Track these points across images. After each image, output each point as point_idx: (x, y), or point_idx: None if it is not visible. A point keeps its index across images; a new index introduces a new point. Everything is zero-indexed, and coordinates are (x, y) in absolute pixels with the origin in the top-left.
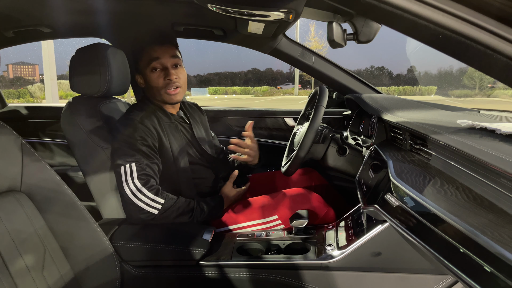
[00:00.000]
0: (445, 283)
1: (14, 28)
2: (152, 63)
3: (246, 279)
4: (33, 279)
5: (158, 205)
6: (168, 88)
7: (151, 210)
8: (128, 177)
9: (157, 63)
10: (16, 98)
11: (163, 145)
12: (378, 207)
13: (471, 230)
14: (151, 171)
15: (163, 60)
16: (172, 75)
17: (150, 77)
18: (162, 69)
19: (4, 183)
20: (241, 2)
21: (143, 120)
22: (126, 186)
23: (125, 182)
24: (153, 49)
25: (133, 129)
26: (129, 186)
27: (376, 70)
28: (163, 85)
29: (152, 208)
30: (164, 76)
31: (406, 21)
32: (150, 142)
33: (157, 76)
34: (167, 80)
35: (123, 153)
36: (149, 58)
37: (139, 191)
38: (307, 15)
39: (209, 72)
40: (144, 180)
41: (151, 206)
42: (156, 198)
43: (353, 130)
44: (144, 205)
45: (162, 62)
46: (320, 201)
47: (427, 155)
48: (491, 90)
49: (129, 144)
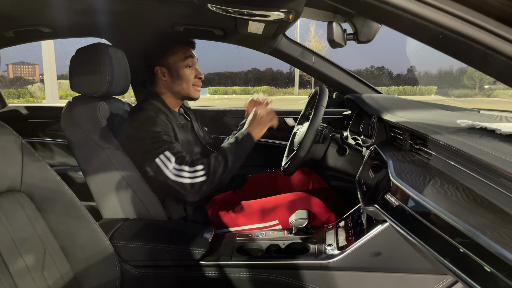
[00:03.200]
0: (445, 283)
1: (14, 28)
2: (188, 60)
3: (246, 279)
4: (33, 279)
5: (201, 171)
6: (197, 85)
7: (200, 180)
8: (168, 165)
9: (191, 61)
10: (16, 98)
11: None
12: (378, 207)
13: (471, 230)
14: (181, 151)
15: (195, 60)
16: (202, 75)
17: (184, 72)
18: (194, 67)
19: (4, 183)
20: (241, 2)
21: (159, 115)
22: (169, 172)
23: (166, 170)
24: (188, 48)
25: (153, 124)
26: (171, 171)
27: (376, 70)
28: (194, 81)
29: (199, 178)
30: (196, 74)
31: (406, 21)
32: (171, 133)
33: (190, 73)
34: (198, 77)
35: (153, 148)
36: (185, 54)
37: (181, 170)
38: (307, 15)
39: (209, 72)
40: (180, 159)
41: (197, 176)
42: (196, 168)
43: (353, 130)
44: (191, 180)
45: (195, 62)
46: (321, 207)
47: (427, 155)
48: (491, 90)
49: (154, 138)
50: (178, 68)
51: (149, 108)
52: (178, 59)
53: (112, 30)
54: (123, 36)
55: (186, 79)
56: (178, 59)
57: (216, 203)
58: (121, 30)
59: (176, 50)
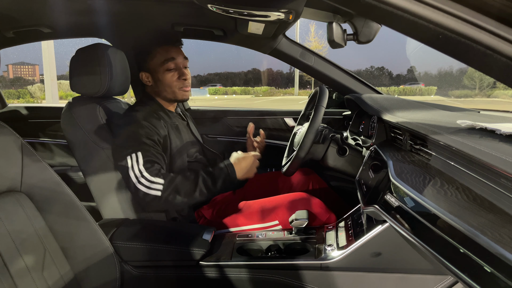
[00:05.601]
0: (445, 283)
1: (14, 28)
2: (167, 63)
3: (246, 279)
4: (33, 279)
5: (159, 185)
6: (182, 86)
7: (154, 193)
8: (134, 165)
9: (172, 63)
10: (16, 98)
11: (166, 142)
12: (378, 208)
13: (471, 230)
14: (156, 158)
15: (178, 61)
16: (186, 75)
17: (165, 76)
18: (176, 69)
19: (4, 183)
20: (241, 2)
21: (147, 118)
22: (132, 173)
23: (131, 170)
24: (168, 50)
25: (138, 126)
26: (134, 173)
27: (376, 71)
28: (177, 84)
29: (154, 191)
30: (179, 76)
31: (406, 21)
32: (155, 137)
33: (172, 76)
34: (182, 79)
35: (129, 145)
36: (164, 57)
37: (142, 176)
38: (307, 15)
39: (209, 72)
40: (150, 165)
41: (152, 188)
42: (155, 179)
43: (353, 130)
44: (146, 189)
45: (177, 63)
46: (322, 207)
47: (427, 155)
48: (491, 90)
49: (134, 138)
50: (158, 73)
51: (140, 110)
52: (157, 64)
53: (112, 31)
54: (123, 37)
55: (167, 83)
56: (157, 64)
57: (216, 203)
58: (121, 31)
59: (154, 54)
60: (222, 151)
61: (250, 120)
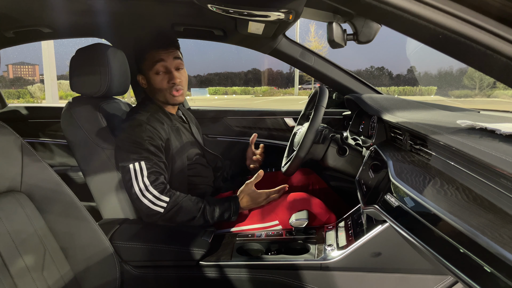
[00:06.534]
0: (445, 283)
1: (14, 28)
2: (156, 66)
3: (246, 279)
4: (33, 279)
5: (163, 203)
6: (172, 90)
7: (157, 209)
8: (138, 175)
9: (161, 66)
10: (16, 98)
11: (169, 146)
12: (378, 208)
13: (471, 230)
14: (160, 168)
15: (167, 63)
16: (176, 78)
17: (154, 79)
18: (166, 72)
19: (4, 183)
20: (241, 2)
21: (150, 121)
22: (136, 184)
23: (135, 180)
24: (157, 52)
25: (141, 129)
26: (138, 184)
27: (376, 71)
28: (167, 87)
29: (157, 207)
30: (168, 79)
31: (406, 21)
32: (158, 142)
33: (161, 79)
34: (171, 83)
35: (132, 152)
36: (153, 60)
37: (147, 190)
38: (307, 15)
39: (209, 72)
40: (154, 177)
41: (156, 204)
42: (161, 197)
43: (353, 130)
44: (150, 204)
45: (166, 65)
46: (321, 207)
47: (427, 155)
48: (491, 90)
49: (137, 143)
50: (149, 76)
51: (143, 112)
52: (147, 67)
53: (112, 31)
54: (123, 37)
55: (157, 87)
56: (148, 67)
57: None
58: (121, 31)
59: (145, 56)
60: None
61: (250, 120)
